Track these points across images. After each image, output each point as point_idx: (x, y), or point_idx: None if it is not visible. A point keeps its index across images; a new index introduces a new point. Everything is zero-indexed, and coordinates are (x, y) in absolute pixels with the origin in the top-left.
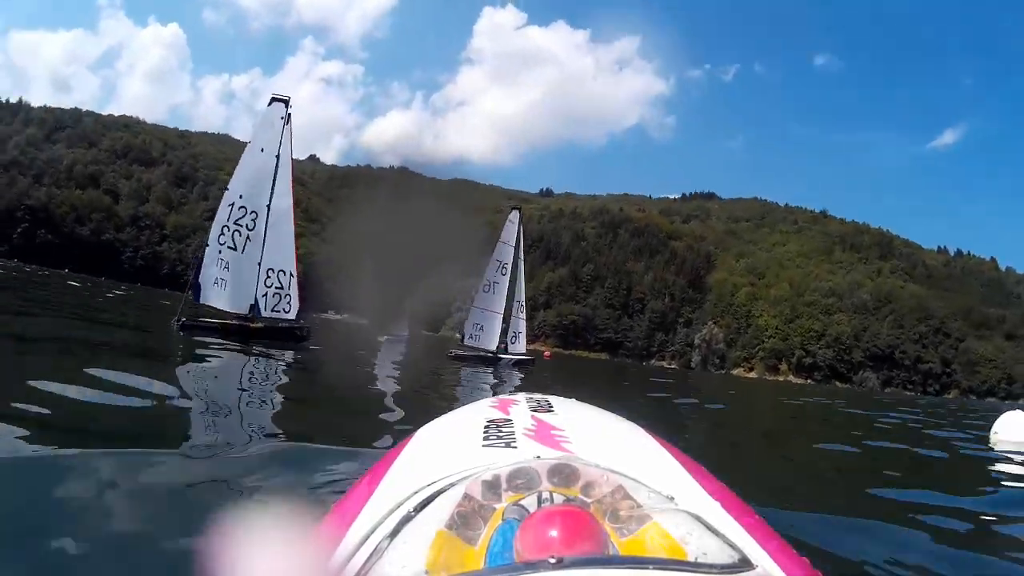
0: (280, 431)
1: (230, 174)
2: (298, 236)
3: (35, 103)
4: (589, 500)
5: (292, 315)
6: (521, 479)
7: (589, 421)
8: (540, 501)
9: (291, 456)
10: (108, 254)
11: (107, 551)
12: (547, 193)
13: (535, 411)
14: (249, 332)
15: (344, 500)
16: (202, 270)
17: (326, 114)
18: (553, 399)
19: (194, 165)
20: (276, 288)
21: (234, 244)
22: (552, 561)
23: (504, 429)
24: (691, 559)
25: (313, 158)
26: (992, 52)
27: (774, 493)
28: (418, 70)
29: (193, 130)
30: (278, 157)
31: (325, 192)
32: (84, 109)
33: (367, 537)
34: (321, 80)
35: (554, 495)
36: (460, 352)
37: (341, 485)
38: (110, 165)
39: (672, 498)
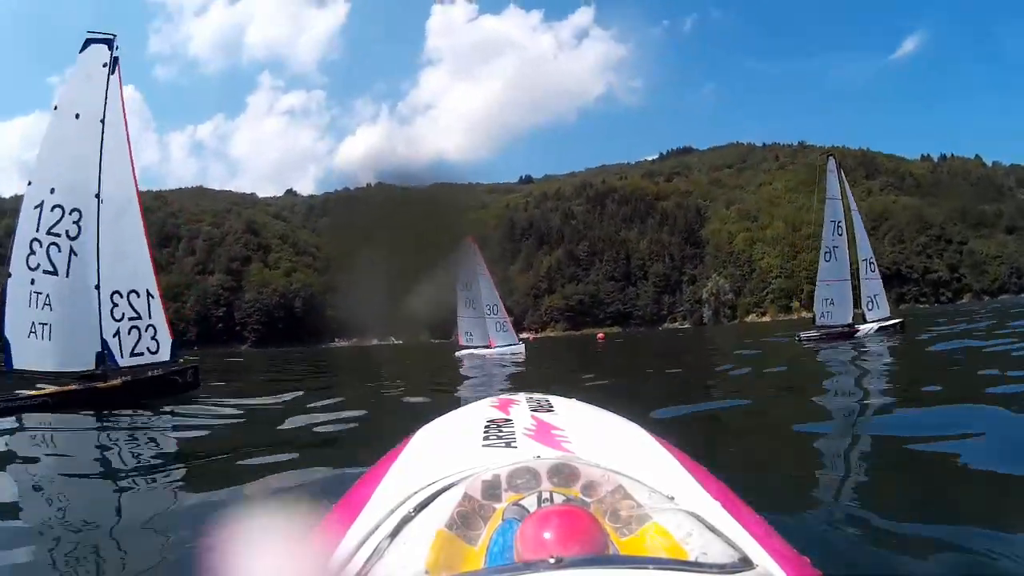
0: None
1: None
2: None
3: (6, 194)
4: (589, 500)
5: (164, 354)
6: (521, 479)
7: (589, 421)
8: (540, 501)
9: None
10: None
11: None
12: (527, 180)
13: (535, 411)
14: (103, 395)
15: (344, 500)
16: (5, 318)
17: (296, 145)
18: (553, 399)
19: (175, 223)
20: (131, 319)
21: (53, 266)
22: (552, 561)
23: (504, 429)
24: (691, 559)
25: (291, 192)
26: None
27: None
28: (380, 82)
29: (167, 187)
30: (104, 123)
31: (307, 224)
32: None
33: (367, 537)
34: (285, 113)
35: (554, 495)
36: (809, 335)
37: (340, 487)
38: None
39: (672, 498)
